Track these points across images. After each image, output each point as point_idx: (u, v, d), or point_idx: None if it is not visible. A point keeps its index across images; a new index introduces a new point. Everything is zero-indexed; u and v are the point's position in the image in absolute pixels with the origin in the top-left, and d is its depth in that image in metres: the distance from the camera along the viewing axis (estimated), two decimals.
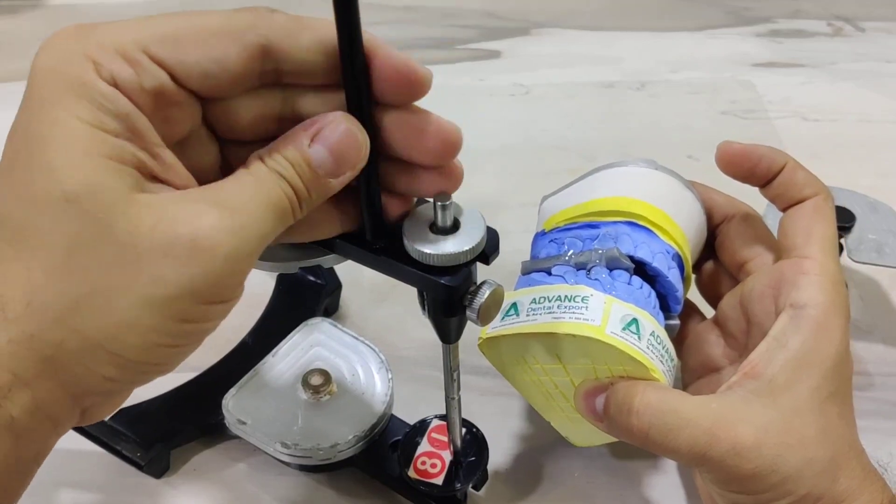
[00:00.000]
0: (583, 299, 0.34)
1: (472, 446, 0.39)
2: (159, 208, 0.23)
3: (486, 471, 0.39)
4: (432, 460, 0.39)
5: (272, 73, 0.26)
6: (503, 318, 0.36)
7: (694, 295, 0.43)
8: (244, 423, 0.40)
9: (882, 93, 0.71)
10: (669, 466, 0.43)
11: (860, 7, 0.82)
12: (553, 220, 0.40)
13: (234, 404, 0.41)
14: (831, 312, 0.34)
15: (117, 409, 0.27)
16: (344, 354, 0.44)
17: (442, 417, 0.40)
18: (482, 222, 0.29)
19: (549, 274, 0.37)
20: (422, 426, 0.40)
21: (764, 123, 0.68)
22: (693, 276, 0.42)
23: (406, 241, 0.29)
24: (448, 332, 0.31)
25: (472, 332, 0.35)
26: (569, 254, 0.37)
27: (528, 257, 0.40)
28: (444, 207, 0.28)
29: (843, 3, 0.83)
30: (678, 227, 0.38)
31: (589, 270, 0.36)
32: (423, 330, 0.42)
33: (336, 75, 0.26)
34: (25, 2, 0.82)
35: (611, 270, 0.36)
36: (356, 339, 0.44)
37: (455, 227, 0.29)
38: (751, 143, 0.38)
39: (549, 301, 0.35)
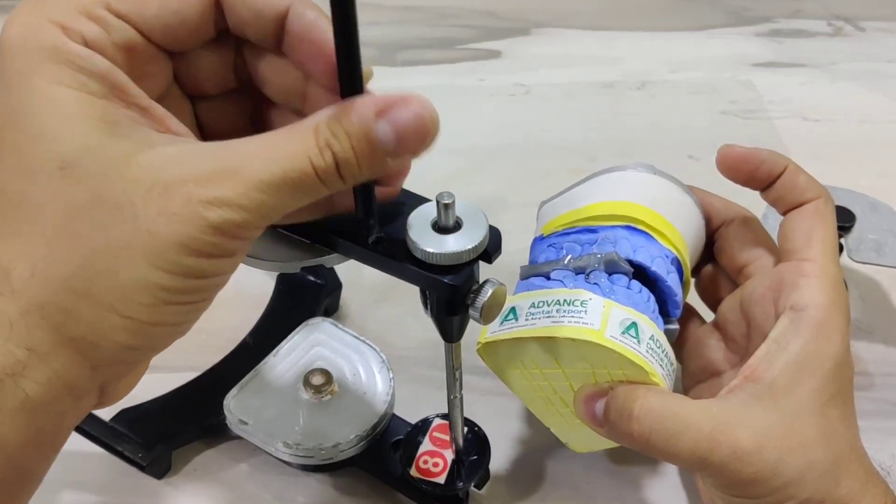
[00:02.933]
0: (582, 303, 0.34)
1: (474, 445, 0.39)
2: (158, 168, 0.23)
3: (487, 470, 0.39)
4: (434, 459, 0.39)
5: (225, 27, 0.27)
6: (502, 322, 0.36)
7: (693, 299, 0.43)
8: (246, 424, 0.40)
9: (882, 93, 0.71)
10: (670, 469, 0.43)
11: (860, 7, 0.82)
12: (551, 224, 0.40)
13: (236, 404, 0.41)
14: (832, 314, 0.34)
15: (135, 386, 0.27)
16: (345, 354, 0.44)
17: (444, 417, 0.40)
18: (484, 221, 0.29)
19: (548, 278, 0.37)
20: (424, 425, 0.40)
21: (764, 123, 0.68)
22: (692, 281, 0.42)
23: (409, 240, 0.29)
24: (450, 331, 0.32)
25: (474, 332, 0.35)
26: (567, 258, 0.37)
27: (527, 256, 0.40)
28: (446, 206, 0.28)
29: (843, 3, 0.83)
30: (677, 232, 0.38)
31: (588, 275, 0.36)
32: (424, 330, 0.42)
33: (279, 44, 0.27)
34: None
35: (609, 274, 0.36)
36: (357, 338, 0.44)
37: (457, 225, 0.29)
38: (752, 147, 0.38)
39: (548, 305, 0.35)
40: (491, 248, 0.29)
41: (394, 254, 0.29)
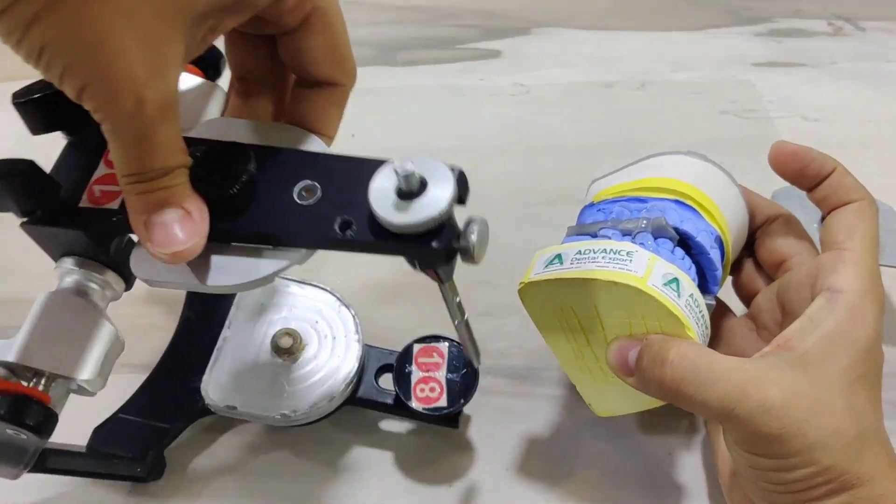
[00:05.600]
0: (628, 253, 0.35)
1: (460, 360, 0.40)
2: None
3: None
4: (430, 385, 0.39)
5: None
6: (546, 266, 0.37)
7: (726, 297, 0.43)
8: (234, 408, 0.40)
9: (882, 93, 0.71)
10: (670, 471, 0.43)
11: (860, 7, 0.82)
12: (602, 194, 0.40)
13: (216, 393, 0.40)
14: (867, 300, 0.34)
15: None
16: (297, 306, 0.42)
17: (420, 340, 0.41)
18: (448, 174, 0.28)
19: (595, 236, 0.38)
20: (407, 354, 0.41)
21: (764, 123, 0.68)
22: (729, 278, 0.42)
23: (380, 217, 0.27)
24: (444, 275, 0.30)
25: (475, 332, 0.35)
26: (615, 220, 0.38)
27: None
28: (407, 177, 0.27)
29: (843, 2, 0.83)
30: (723, 216, 0.39)
31: (634, 236, 0.36)
32: (425, 329, 0.42)
33: None
34: None
35: (655, 238, 0.36)
36: (301, 284, 0.43)
37: (423, 185, 0.27)
38: (804, 146, 0.39)
39: (595, 253, 0.36)
40: (462, 192, 0.28)
41: (368, 234, 0.28)
